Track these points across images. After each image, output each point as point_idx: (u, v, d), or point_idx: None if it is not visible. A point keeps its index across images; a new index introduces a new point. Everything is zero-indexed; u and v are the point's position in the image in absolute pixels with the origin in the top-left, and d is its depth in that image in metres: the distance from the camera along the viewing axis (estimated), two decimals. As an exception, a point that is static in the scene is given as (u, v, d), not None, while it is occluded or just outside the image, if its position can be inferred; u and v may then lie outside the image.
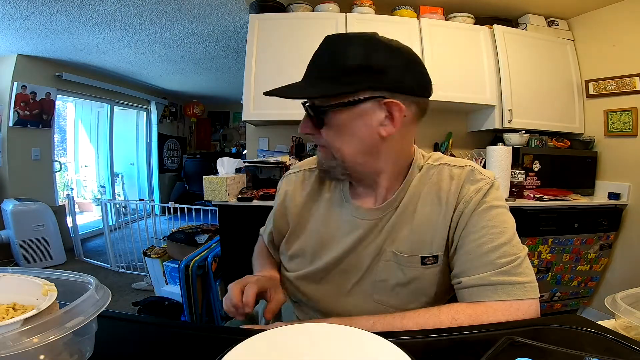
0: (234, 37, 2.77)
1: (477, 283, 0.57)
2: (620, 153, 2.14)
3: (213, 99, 5.82)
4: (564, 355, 0.42)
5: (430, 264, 0.63)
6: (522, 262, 0.58)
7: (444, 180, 0.65)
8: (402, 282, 0.64)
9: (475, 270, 0.58)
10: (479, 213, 0.60)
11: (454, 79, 2.09)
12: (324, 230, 0.70)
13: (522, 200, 1.95)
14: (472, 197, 0.61)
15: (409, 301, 0.64)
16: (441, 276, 0.64)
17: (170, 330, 0.54)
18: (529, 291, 0.56)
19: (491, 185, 0.63)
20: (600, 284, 2.18)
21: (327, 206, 0.72)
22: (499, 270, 0.56)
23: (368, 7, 2.11)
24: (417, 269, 0.63)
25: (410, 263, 0.63)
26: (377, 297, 0.66)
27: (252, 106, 2.02)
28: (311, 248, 0.71)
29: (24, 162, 3.21)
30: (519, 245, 0.60)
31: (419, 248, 0.63)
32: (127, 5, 2.19)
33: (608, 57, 2.17)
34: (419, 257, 0.63)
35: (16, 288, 0.43)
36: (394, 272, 0.64)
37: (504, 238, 0.59)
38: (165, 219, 3.58)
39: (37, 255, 2.94)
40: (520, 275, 0.56)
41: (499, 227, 0.59)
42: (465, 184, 0.63)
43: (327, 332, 0.47)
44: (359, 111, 0.58)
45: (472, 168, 0.65)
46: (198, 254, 1.92)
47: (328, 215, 0.71)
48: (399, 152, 0.65)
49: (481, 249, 0.58)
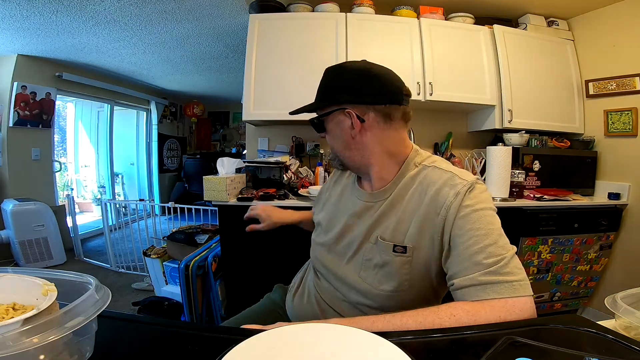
0: (234, 37, 2.77)
1: (467, 284, 0.60)
2: (620, 153, 2.14)
3: (213, 99, 5.82)
4: (564, 355, 0.42)
5: (399, 252, 0.71)
6: (509, 262, 0.61)
7: (430, 182, 0.71)
8: (379, 264, 0.73)
9: (465, 271, 0.62)
10: (464, 217, 0.64)
11: (454, 79, 2.10)
12: (335, 207, 0.88)
13: (522, 200, 1.95)
14: (452, 201, 0.66)
15: (380, 282, 0.73)
16: (409, 267, 0.70)
17: (170, 330, 0.54)
18: (518, 289, 0.58)
19: (469, 188, 0.66)
20: (600, 284, 2.18)
21: (343, 189, 0.90)
22: (486, 271, 0.59)
23: (368, 7, 2.11)
24: (389, 255, 0.71)
25: (386, 249, 0.72)
26: (362, 273, 0.76)
27: (252, 106, 2.02)
28: (325, 220, 0.88)
29: (24, 162, 3.21)
30: (505, 246, 0.63)
31: (396, 237, 0.71)
32: (127, 5, 2.20)
33: (608, 57, 2.17)
34: (392, 245, 0.71)
35: (16, 288, 0.43)
36: (375, 253, 0.74)
37: (490, 239, 0.62)
38: (165, 219, 3.58)
39: (37, 255, 2.93)
40: (508, 275, 0.59)
41: (484, 229, 0.63)
42: (444, 188, 0.68)
43: (327, 332, 0.47)
44: (336, 120, 0.77)
45: (453, 174, 0.70)
46: (198, 254, 1.92)
47: (341, 195, 0.89)
48: (382, 150, 0.76)
49: (468, 251, 0.62)
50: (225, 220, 1.79)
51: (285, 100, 1.99)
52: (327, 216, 0.89)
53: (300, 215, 1.14)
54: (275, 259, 1.75)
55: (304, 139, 2.37)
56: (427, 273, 0.70)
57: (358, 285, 0.75)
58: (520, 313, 0.56)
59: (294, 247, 1.25)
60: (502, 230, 0.64)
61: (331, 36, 2.04)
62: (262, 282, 1.18)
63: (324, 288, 0.84)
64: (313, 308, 0.83)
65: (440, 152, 2.37)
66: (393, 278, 0.71)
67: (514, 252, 0.63)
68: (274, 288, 1.05)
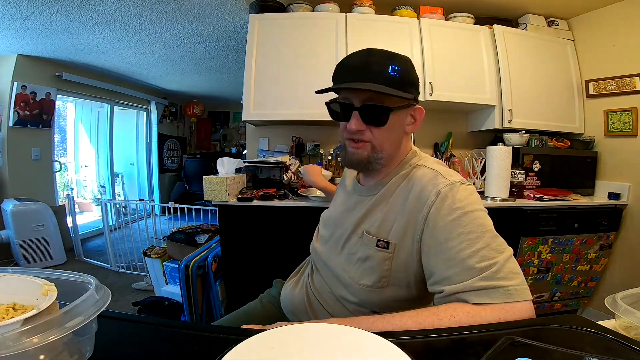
0: (234, 37, 2.77)
1: (460, 290, 0.58)
2: (620, 153, 2.14)
3: (213, 99, 5.82)
4: (564, 355, 0.42)
5: (382, 247, 0.71)
6: (503, 266, 0.58)
7: (415, 180, 0.71)
8: (361, 258, 0.73)
9: (456, 277, 0.59)
10: (453, 220, 0.62)
11: (454, 79, 2.10)
12: (335, 202, 0.92)
13: (522, 200, 1.95)
14: (433, 201, 0.65)
15: (361, 277, 0.73)
16: (389, 263, 0.70)
17: (170, 330, 0.54)
18: (514, 294, 0.56)
19: (452, 189, 0.64)
20: (600, 284, 2.18)
21: (344, 190, 0.90)
22: (480, 276, 0.57)
23: (368, 7, 2.11)
24: (371, 249, 0.72)
25: (369, 243, 0.72)
26: (346, 266, 0.76)
27: (252, 106, 2.02)
28: (326, 215, 0.92)
29: (24, 162, 3.21)
30: (499, 248, 0.60)
31: (381, 232, 0.72)
32: (127, 5, 2.20)
33: (608, 57, 2.17)
34: (375, 239, 0.71)
35: (16, 288, 0.43)
36: (359, 247, 0.74)
37: (481, 242, 0.60)
38: (165, 219, 3.58)
39: (37, 255, 2.93)
40: (502, 280, 0.57)
41: (475, 232, 0.61)
42: (427, 187, 0.67)
43: (327, 332, 0.47)
44: (403, 114, 0.74)
45: (437, 173, 0.69)
46: (198, 254, 1.92)
47: (343, 195, 0.89)
48: (404, 146, 0.79)
49: (460, 255, 0.60)
50: (225, 220, 1.79)
51: (285, 100, 1.99)
52: (328, 212, 0.93)
53: (326, 185, 1.39)
54: (275, 259, 1.75)
55: (304, 139, 2.37)
56: (405, 273, 0.70)
57: (341, 278, 0.76)
58: (520, 315, 0.56)
59: (294, 247, 1.25)
60: (495, 232, 0.62)
61: (331, 36, 2.04)
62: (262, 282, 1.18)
63: (317, 280, 0.86)
64: (302, 298, 0.85)
65: (440, 152, 2.37)
66: (373, 273, 0.71)
67: (509, 254, 0.60)
68: (273, 283, 1.07)
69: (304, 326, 0.50)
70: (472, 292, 0.57)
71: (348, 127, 0.72)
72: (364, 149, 0.73)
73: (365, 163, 0.74)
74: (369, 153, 0.73)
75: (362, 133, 0.72)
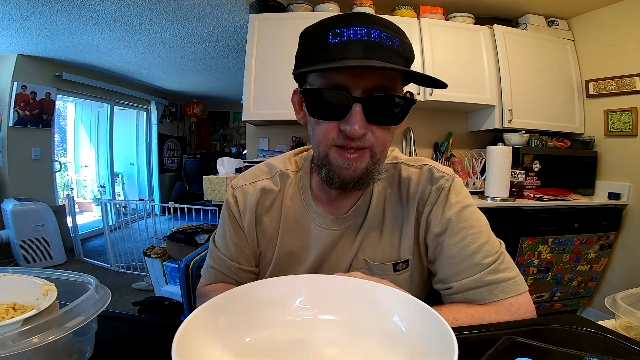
0: (234, 37, 2.77)
1: (471, 286, 0.56)
2: (620, 153, 2.14)
3: (213, 99, 5.82)
4: (564, 355, 0.42)
5: (402, 269, 0.63)
6: (504, 258, 0.58)
7: (403, 180, 0.64)
8: None
9: (464, 273, 0.57)
10: (454, 215, 0.60)
11: (454, 79, 2.09)
12: (291, 246, 0.65)
13: (522, 200, 1.95)
14: (435, 198, 0.61)
15: None
16: (410, 281, 0.64)
17: (170, 331, 0.54)
18: (520, 285, 0.56)
19: (452, 183, 0.62)
20: (600, 284, 2.18)
21: (291, 218, 0.65)
22: (487, 270, 0.56)
23: (368, 7, 2.11)
24: (389, 276, 0.61)
25: (382, 271, 0.62)
26: None
27: (252, 106, 2.02)
28: (282, 266, 0.65)
29: (24, 162, 3.21)
30: (496, 241, 0.60)
31: (390, 254, 0.62)
32: (127, 5, 2.19)
33: (608, 57, 2.17)
34: (390, 265, 0.62)
35: (16, 288, 0.43)
36: (366, 272, 0.61)
37: (484, 237, 0.59)
38: (165, 219, 3.57)
39: (37, 255, 2.93)
40: (507, 271, 0.57)
41: (476, 227, 0.59)
42: (427, 185, 0.62)
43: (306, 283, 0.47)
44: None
45: (430, 167, 0.64)
46: (198, 254, 1.90)
47: (294, 227, 0.65)
48: None
49: (465, 252, 0.58)
50: (225, 220, 1.79)
51: (286, 101, 1.98)
52: (284, 260, 0.65)
53: None
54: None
55: (304, 139, 2.37)
56: (421, 279, 0.66)
57: None
58: (524, 313, 0.55)
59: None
60: (488, 225, 0.61)
61: (331, 36, 2.04)
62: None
63: None
64: None
65: (440, 152, 2.37)
66: None
67: (504, 246, 0.60)
68: None
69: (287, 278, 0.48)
70: (483, 289, 0.56)
71: (349, 130, 0.50)
72: (363, 160, 0.54)
73: (364, 178, 0.55)
74: (369, 164, 0.54)
75: (363, 137, 0.52)
